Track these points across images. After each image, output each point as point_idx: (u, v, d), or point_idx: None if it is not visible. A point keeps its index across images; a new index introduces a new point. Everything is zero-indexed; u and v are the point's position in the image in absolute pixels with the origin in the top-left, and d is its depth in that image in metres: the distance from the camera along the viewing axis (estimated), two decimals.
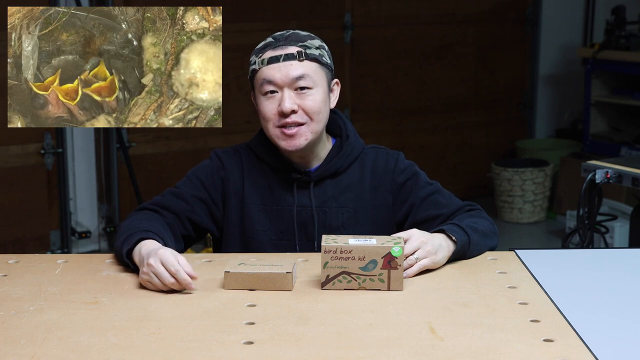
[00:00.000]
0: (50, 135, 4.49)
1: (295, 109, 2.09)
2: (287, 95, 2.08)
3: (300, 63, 2.09)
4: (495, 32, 5.78)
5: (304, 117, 2.10)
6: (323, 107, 2.13)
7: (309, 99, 2.10)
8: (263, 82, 2.10)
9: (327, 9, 5.17)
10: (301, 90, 2.09)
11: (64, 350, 1.55)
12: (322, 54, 2.13)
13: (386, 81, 5.45)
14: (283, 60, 2.08)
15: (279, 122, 2.10)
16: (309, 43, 2.12)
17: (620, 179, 2.96)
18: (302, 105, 2.09)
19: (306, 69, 2.09)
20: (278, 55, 2.09)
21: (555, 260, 2.08)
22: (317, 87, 2.11)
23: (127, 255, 1.95)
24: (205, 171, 2.22)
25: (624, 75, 5.63)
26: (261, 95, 2.12)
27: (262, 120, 2.14)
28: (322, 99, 2.12)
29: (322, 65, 2.13)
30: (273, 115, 2.10)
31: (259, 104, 2.13)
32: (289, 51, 2.09)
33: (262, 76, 2.10)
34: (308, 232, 2.19)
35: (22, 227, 4.50)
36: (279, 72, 2.08)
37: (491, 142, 5.87)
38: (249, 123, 4.87)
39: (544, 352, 1.54)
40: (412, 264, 1.92)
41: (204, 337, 1.61)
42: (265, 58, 2.10)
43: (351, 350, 1.55)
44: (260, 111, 2.12)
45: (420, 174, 2.23)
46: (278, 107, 2.09)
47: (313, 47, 2.12)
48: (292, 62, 2.09)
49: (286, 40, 2.11)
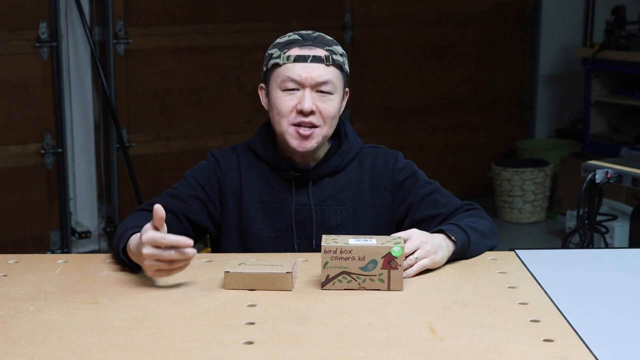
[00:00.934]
0: (50, 135, 4.49)
1: (314, 110, 2.10)
2: (309, 95, 2.10)
3: (327, 67, 2.11)
4: (495, 32, 5.78)
5: (319, 120, 2.11)
6: (337, 113, 2.15)
7: (328, 104, 2.11)
8: (286, 79, 2.10)
9: (327, 9, 5.17)
10: (322, 94, 2.11)
11: (64, 350, 1.55)
12: (344, 62, 2.16)
13: (386, 81, 5.45)
14: (311, 61, 2.10)
15: (294, 120, 2.11)
16: (334, 48, 2.14)
17: (620, 179, 2.96)
18: (320, 108, 2.10)
19: (331, 74, 2.11)
20: (306, 55, 2.10)
21: (555, 260, 2.08)
22: (337, 93, 2.13)
23: (124, 253, 1.95)
24: (202, 171, 2.23)
25: (624, 75, 5.63)
26: (280, 90, 2.12)
27: (275, 115, 2.14)
28: (338, 106, 2.15)
29: (343, 73, 2.15)
30: (289, 111, 2.11)
31: (276, 98, 2.13)
32: (317, 53, 2.11)
33: (285, 72, 2.11)
34: (306, 230, 2.19)
35: (22, 227, 4.50)
36: (305, 72, 2.09)
37: (491, 142, 5.87)
38: (249, 123, 4.87)
39: (544, 352, 1.54)
40: (412, 263, 1.92)
41: (204, 337, 1.61)
42: (291, 55, 2.11)
43: (351, 350, 1.55)
44: (276, 105, 2.12)
45: (419, 173, 2.24)
46: (297, 104, 2.10)
47: (338, 54, 2.14)
48: (319, 65, 2.10)
49: (314, 42, 2.12)
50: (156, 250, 1.80)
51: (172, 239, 1.79)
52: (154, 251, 1.81)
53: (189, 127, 4.88)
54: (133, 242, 1.90)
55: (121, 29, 4.60)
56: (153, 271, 1.84)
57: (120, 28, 4.59)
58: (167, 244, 1.79)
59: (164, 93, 4.78)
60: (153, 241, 1.80)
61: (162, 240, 1.79)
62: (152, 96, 4.76)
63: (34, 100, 4.42)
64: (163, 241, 1.79)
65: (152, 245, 1.80)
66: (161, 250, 1.80)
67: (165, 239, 1.79)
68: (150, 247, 1.81)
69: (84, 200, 4.76)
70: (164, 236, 1.80)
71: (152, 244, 1.80)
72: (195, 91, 4.86)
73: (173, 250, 1.80)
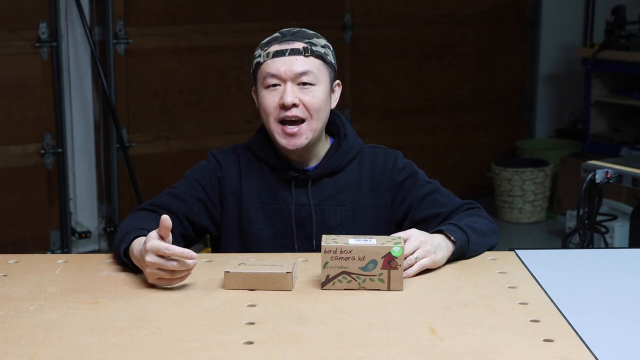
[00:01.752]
0: (50, 135, 4.49)
1: (296, 103, 2.09)
2: (290, 88, 2.09)
3: (306, 59, 2.10)
4: (495, 32, 5.78)
5: (304, 112, 2.11)
6: (323, 105, 2.13)
7: (310, 95, 2.11)
8: (267, 75, 2.11)
9: (327, 9, 5.17)
10: (303, 86, 2.10)
11: (64, 350, 1.55)
12: (327, 53, 2.15)
13: (386, 81, 5.45)
14: (289, 54, 2.10)
15: (279, 116, 2.11)
16: (315, 41, 2.14)
17: (620, 179, 2.96)
18: (303, 100, 2.10)
19: (310, 65, 2.11)
20: (284, 50, 2.10)
21: (555, 260, 2.08)
22: (320, 84, 2.12)
23: (125, 254, 1.95)
24: (202, 171, 2.23)
25: (624, 75, 5.63)
26: (263, 89, 2.12)
27: (262, 115, 2.14)
28: (323, 97, 2.13)
29: (326, 64, 2.14)
30: (274, 108, 2.11)
31: (261, 97, 2.13)
32: (294, 46, 2.11)
33: (266, 69, 2.11)
34: (306, 230, 2.19)
35: (22, 227, 4.50)
36: (284, 66, 2.09)
37: (491, 142, 5.86)
38: (248, 123, 4.87)
39: (544, 352, 1.54)
40: (412, 263, 1.92)
41: (204, 337, 1.61)
42: (270, 51, 2.11)
43: (351, 350, 1.55)
44: (262, 104, 2.13)
45: (419, 173, 2.24)
46: (280, 100, 2.10)
47: (319, 45, 2.13)
48: (297, 57, 2.10)
49: (293, 36, 2.13)
50: (159, 259, 1.80)
51: (176, 251, 1.79)
52: (157, 260, 1.80)
53: (189, 127, 4.88)
54: (136, 246, 1.90)
55: (121, 29, 4.60)
56: (154, 279, 1.84)
57: (120, 28, 4.59)
58: (171, 255, 1.80)
59: (164, 93, 4.78)
60: (157, 250, 1.80)
61: (166, 251, 1.79)
62: (152, 96, 4.76)
63: (34, 100, 4.42)
64: (167, 252, 1.79)
65: (156, 254, 1.80)
66: (164, 260, 1.80)
67: (170, 250, 1.79)
68: (153, 255, 1.81)
69: (84, 200, 4.76)
70: (168, 247, 1.79)
71: (156, 253, 1.80)
72: (195, 91, 4.86)
73: (175, 262, 1.80)
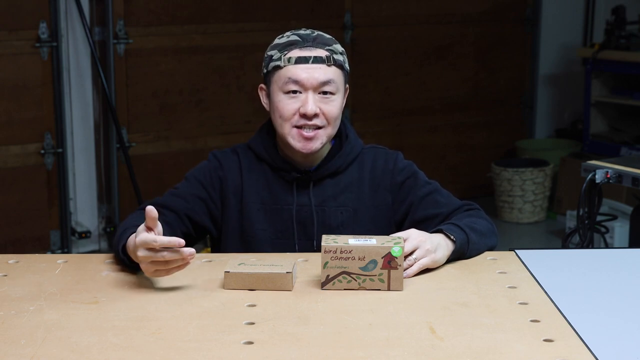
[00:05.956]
0: (50, 135, 4.49)
1: (318, 113, 2.10)
2: (312, 98, 2.09)
3: (328, 68, 2.10)
4: (495, 32, 5.78)
5: (323, 121, 2.11)
6: (340, 113, 2.15)
7: (331, 105, 2.11)
8: (288, 81, 2.10)
9: (327, 9, 5.17)
10: (324, 95, 2.10)
11: (64, 350, 1.55)
12: (344, 60, 2.15)
13: (386, 81, 5.45)
14: (312, 62, 2.09)
15: (297, 123, 2.11)
16: (334, 47, 2.13)
17: (620, 179, 2.96)
18: (323, 109, 2.10)
19: (333, 74, 2.11)
20: (307, 57, 2.09)
21: (555, 260, 2.08)
22: (339, 93, 2.13)
23: (124, 252, 1.94)
24: (203, 171, 2.23)
25: (624, 75, 5.63)
26: (282, 93, 2.12)
27: (277, 118, 2.14)
28: (340, 105, 2.15)
29: (344, 72, 2.15)
30: (292, 114, 2.11)
31: (278, 101, 2.12)
32: (317, 54, 2.10)
33: (287, 74, 2.10)
34: (307, 231, 2.19)
35: (22, 227, 4.50)
36: (307, 74, 2.09)
37: (491, 142, 5.86)
38: (248, 123, 4.87)
39: (544, 352, 1.54)
40: (412, 263, 1.92)
41: (204, 337, 1.61)
42: (292, 57, 2.10)
43: (351, 350, 1.55)
44: (278, 108, 2.12)
45: (419, 173, 2.24)
46: (300, 107, 2.10)
47: (338, 53, 2.13)
48: (320, 65, 2.10)
49: (314, 42, 2.12)
50: (150, 252, 1.79)
51: (163, 240, 1.77)
52: (148, 253, 1.80)
53: (189, 127, 4.88)
54: (131, 242, 1.89)
55: (121, 29, 4.60)
56: (152, 272, 1.84)
57: (120, 28, 4.59)
58: (159, 246, 1.78)
59: (164, 93, 4.78)
60: (145, 244, 1.79)
61: (154, 242, 1.78)
62: (152, 96, 4.76)
63: (34, 100, 4.42)
64: (154, 244, 1.78)
65: (145, 247, 1.80)
66: (155, 252, 1.79)
67: (157, 241, 1.77)
68: (144, 249, 1.80)
69: (84, 200, 4.76)
70: (155, 238, 1.78)
71: (146, 247, 1.79)
72: (195, 91, 4.86)
73: (166, 252, 1.79)
